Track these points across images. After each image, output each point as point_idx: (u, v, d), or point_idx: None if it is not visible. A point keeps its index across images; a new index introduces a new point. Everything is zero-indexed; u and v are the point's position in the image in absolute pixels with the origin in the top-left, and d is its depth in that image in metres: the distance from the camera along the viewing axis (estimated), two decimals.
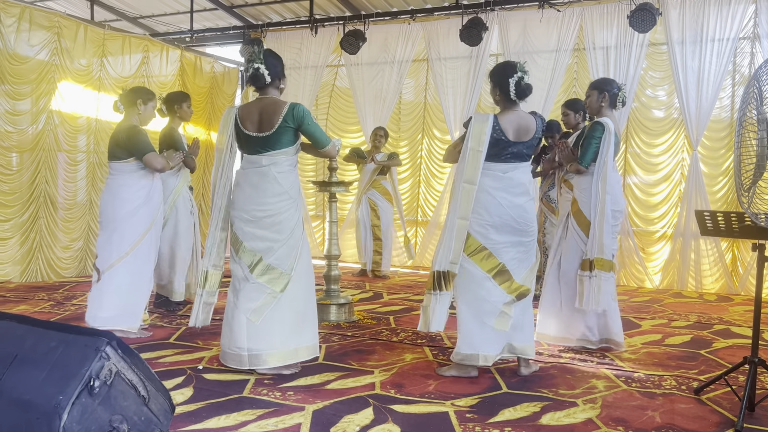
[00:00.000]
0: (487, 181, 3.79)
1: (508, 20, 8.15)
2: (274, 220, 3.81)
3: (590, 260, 4.34)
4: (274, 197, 3.80)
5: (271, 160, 3.80)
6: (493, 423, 3.13)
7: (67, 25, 7.35)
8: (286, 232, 3.83)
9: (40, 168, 7.18)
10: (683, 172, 7.72)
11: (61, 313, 5.49)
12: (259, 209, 3.80)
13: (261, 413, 3.19)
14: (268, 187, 3.79)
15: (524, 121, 3.82)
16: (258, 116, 3.81)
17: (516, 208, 3.80)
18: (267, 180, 3.79)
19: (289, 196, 3.84)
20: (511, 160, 3.81)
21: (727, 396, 3.56)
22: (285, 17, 9.57)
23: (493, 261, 3.82)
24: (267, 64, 3.84)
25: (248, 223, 3.84)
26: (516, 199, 3.81)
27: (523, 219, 3.82)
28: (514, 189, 3.80)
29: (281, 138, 3.79)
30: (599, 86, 4.54)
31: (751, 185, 2.28)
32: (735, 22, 7.17)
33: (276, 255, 3.82)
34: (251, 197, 3.82)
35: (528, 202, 3.86)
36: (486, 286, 3.82)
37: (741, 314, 6.02)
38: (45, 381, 2.31)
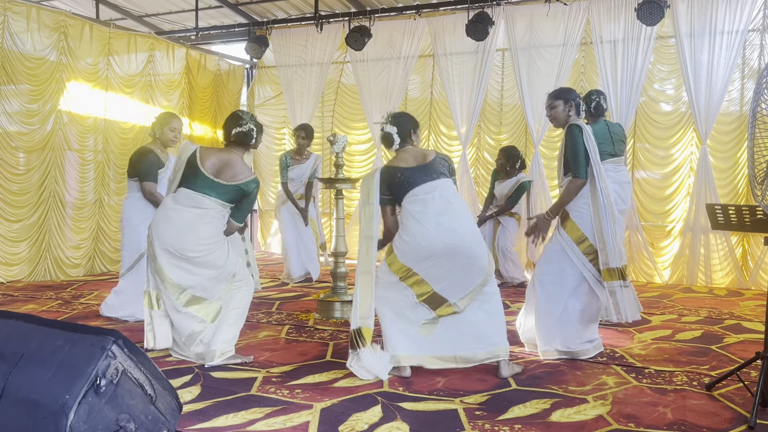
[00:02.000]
0: (411, 206, 3.76)
1: (514, 15, 8.09)
2: (205, 259, 3.92)
3: (619, 269, 4.09)
4: (209, 239, 3.92)
5: (213, 204, 3.92)
6: (502, 420, 3.10)
7: (73, 24, 7.35)
8: (217, 268, 3.95)
9: (50, 168, 7.20)
10: (692, 166, 7.66)
11: (69, 312, 5.50)
12: (189, 248, 3.89)
13: (269, 411, 3.18)
14: (203, 228, 3.90)
15: (418, 154, 3.90)
16: (219, 163, 3.95)
17: (447, 231, 3.69)
18: (204, 221, 3.90)
19: (221, 236, 4.00)
20: (420, 183, 3.77)
21: (739, 392, 3.52)
22: (290, 14, 9.55)
23: (426, 287, 3.77)
24: (258, 129, 4.08)
25: (175, 258, 3.92)
26: (442, 220, 3.71)
27: (458, 241, 3.69)
28: (438, 210, 3.72)
29: (231, 193, 3.94)
30: (563, 96, 4.28)
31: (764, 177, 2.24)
32: (744, 14, 7.10)
33: (204, 288, 3.95)
34: (183, 235, 3.89)
35: (456, 220, 3.73)
36: (414, 307, 3.80)
37: (752, 309, 5.97)
38: (51, 380, 2.30)
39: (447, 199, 3.76)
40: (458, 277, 3.73)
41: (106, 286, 6.84)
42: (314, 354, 4.27)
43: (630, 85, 7.55)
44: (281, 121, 10.04)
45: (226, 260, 3.97)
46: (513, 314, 5.65)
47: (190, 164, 3.95)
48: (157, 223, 3.96)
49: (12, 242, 6.92)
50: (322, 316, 5.36)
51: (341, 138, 5.43)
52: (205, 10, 9.44)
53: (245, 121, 4.01)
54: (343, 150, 5.47)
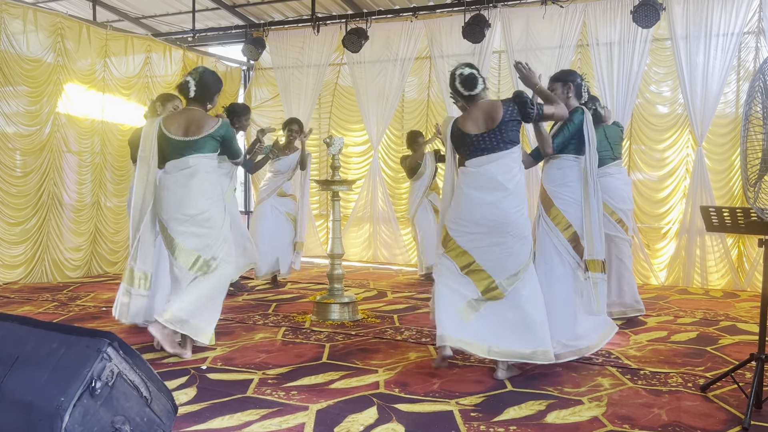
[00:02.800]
0: (460, 177, 3.87)
1: (510, 17, 8.11)
2: (205, 217, 4.09)
3: (603, 261, 4.10)
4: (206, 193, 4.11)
5: (198, 160, 4.11)
6: (498, 422, 3.11)
7: (70, 26, 7.35)
8: (217, 227, 4.15)
9: (48, 170, 7.18)
10: (688, 168, 7.68)
11: (65, 314, 5.49)
12: (193, 206, 4.07)
13: (265, 413, 3.18)
14: (199, 184, 4.09)
15: (486, 111, 3.76)
16: (183, 123, 4.13)
17: (488, 207, 3.68)
18: (197, 177, 4.08)
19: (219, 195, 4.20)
20: (477, 154, 3.75)
21: (734, 393, 3.53)
22: (287, 16, 9.56)
23: (468, 258, 3.78)
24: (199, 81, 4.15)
25: (182, 222, 4.07)
26: (487, 197, 3.69)
27: (499, 218, 3.67)
28: (484, 185, 3.70)
29: (206, 144, 4.13)
30: (562, 78, 4.27)
31: (757, 180, 2.26)
32: (739, 17, 7.12)
33: (210, 247, 4.10)
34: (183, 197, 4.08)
35: (503, 199, 3.68)
36: (460, 280, 3.80)
37: (747, 310, 5.99)
38: (47, 382, 2.30)
39: (495, 177, 3.69)
40: (504, 257, 3.70)
41: (103, 288, 6.83)
42: (310, 356, 4.27)
43: (626, 87, 7.58)
44: (278, 122, 10.03)
45: (223, 222, 4.18)
46: None
47: (159, 137, 4.15)
48: (159, 198, 4.16)
49: (10, 244, 6.91)
50: (319, 318, 5.36)
51: (338, 140, 5.44)
52: (202, 12, 9.45)
53: (187, 75, 4.19)
54: (339, 152, 5.48)
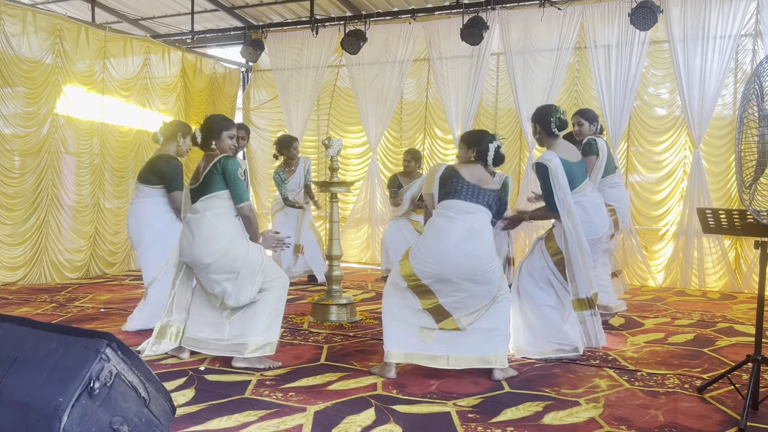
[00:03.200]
0: (438, 220, 3.81)
1: (509, 19, 8.13)
2: (222, 263, 3.95)
3: (588, 298, 4.32)
4: (213, 240, 3.96)
5: (204, 206, 4.00)
6: (495, 423, 3.12)
7: (69, 27, 7.36)
8: (237, 267, 3.95)
9: (46, 171, 7.19)
10: (686, 170, 7.70)
11: (63, 315, 5.50)
12: (206, 256, 3.96)
13: (263, 414, 3.19)
14: (208, 230, 3.96)
15: (486, 176, 3.93)
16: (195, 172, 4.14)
17: (464, 257, 3.69)
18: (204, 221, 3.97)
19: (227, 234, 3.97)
20: (466, 199, 3.79)
21: (730, 394, 3.55)
22: (286, 18, 9.57)
23: (432, 299, 3.81)
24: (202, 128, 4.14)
25: (202, 270, 4.02)
26: (464, 245, 3.70)
27: (473, 267, 3.70)
28: (462, 233, 3.72)
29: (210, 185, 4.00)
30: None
31: (752, 182, 2.27)
32: (737, 19, 7.14)
33: (229, 295, 3.97)
34: (195, 246, 3.98)
35: (476, 248, 3.72)
36: (419, 314, 3.84)
37: (744, 312, 6.00)
38: (45, 383, 2.30)
39: (472, 226, 3.76)
40: (467, 298, 3.77)
41: (101, 289, 6.84)
42: (308, 357, 4.28)
43: (624, 89, 7.59)
44: (277, 124, 10.05)
45: (243, 263, 3.94)
46: None
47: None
48: (180, 240, 4.14)
49: (8, 246, 6.91)
50: (317, 320, 5.37)
51: (336, 141, 5.44)
52: (200, 14, 9.45)
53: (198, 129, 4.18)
54: (338, 153, 5.49)
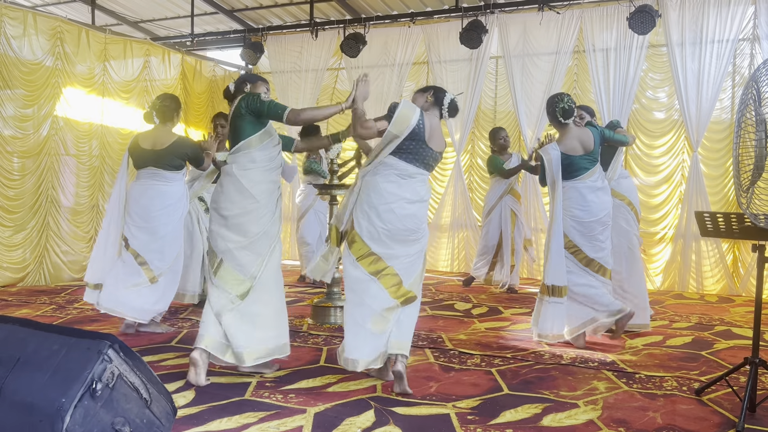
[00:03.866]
0: (385, 185, 3.64)
1: (507, 23, 8.16)
2: (237, 222, 3.76)
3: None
4: (236, 195, 3.77)
5: (232, 159, 3.82)
6: (494, 425, 3.13)
7: (69, 29, 7.38)
8: (249, 236, 3.76)
9: (46, 173, 7.20)
10: (684, 173, 7.73)
11: (63, 317, 5.51)
12: (225, 207, 3.79)
13: (263, 416, 3.20)
14: (230, 185, 3.80)
15: (440, 132, 3.79)
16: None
17: (409, 217, 3.66)
18: (229, 179, 3.81)
19: (251, 195, 3.76)
20: (416, 164, 3.68)
21: (728, 397, 3.57)
22: (285, 21, 9.60)
23: (381, 264, 3.66)
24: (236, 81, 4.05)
25: (217, 222, 3.82)
26: (410, 207, 3.67)
27: (415, 225, 3.70)
28: (410, 196, 3.67)
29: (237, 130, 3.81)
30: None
31: (750, 186, 2.29)
32: (734, 24, 7.18)
33: (236, 260, 3.76)
34: (219, 196, 3.84)
35: (421, 209, 3.74)
36: (371, 289, 3.66)
37: (742, 315, 6.03)
38: (47, 384, 2.32)
39: (418, 187, 3.71)
40: (409, 259, 3.71)
41: None
42: (308, 359, 4.29)
43: (622, 92, 7.63)
44: (276, 126, 10.04)
45: (259, 231, 3.77)
46: (505, 320, 5.70)
47: None
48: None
49: (7, 247, 6.91)
50: (316, 322, 5.39)
51: (336, 145, 5.46)
52: (200, 16, 9.48)
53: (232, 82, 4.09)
54: (337, 156, 5.51)
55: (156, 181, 4.97)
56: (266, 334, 3.81)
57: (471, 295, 6.93)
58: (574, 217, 4.66)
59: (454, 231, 8.78)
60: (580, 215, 4.65)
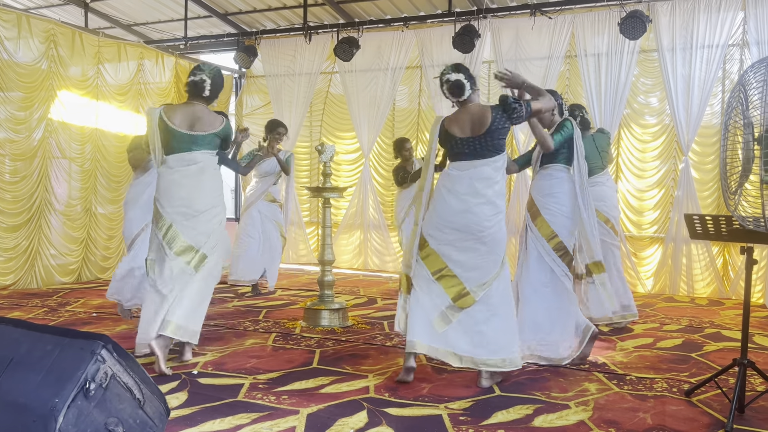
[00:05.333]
0: (442, 180, 3.87)
1: (500, 27, 8.21)
2: (212, 213, 4.11)
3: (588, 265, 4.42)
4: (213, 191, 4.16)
5: (204, 157, 4.10)
6: (486, 425, 3.15)
7: (63, 32, 7.38)
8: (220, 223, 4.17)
9: (40, 176, 7.18)
10: (675, 177, 7.79)
11: (55, 320, 5.50)
12: (202, 202, 4.07)
13: (255, 417, 3.21)
14: (208, 182, 4.12)
15: (475, 116, 3.80)
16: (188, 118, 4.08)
17: (464, 213, 3.72)
18: (206, 175, 4.10)
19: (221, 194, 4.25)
20: (461, 158, 3.79)
21: (717, 398, 3.60)
22: (279, 24, 9.62)
23: (440, 263, 3.80)
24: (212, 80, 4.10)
25: (189, 218, 4.04)
26: (466, 202, 3.73)
27: (474, 224, 3.73)
28: (462, 190, 3.74)
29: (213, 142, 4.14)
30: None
31: (737, 188, 2.33)
32: (724, 29, 7.25)
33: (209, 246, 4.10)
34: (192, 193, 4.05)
35: (480, 206, 3.73)
36: (431, 287, 3.82)
37: (732, 318, 6.07)
38: (41, 384, 2.32)
39: (475, 182, 3.75)
40: (473, 261, 3.76)
41: (93, 294, 6.83)
42: (301, 361, 4.30)
43: (614, 97, 7.68)
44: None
45: (221, 222, 4.19)
46: None
47: (163, 129, 4.06)
48: (165, 190, 4.06)
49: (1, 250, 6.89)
50: (309, 324, 5.40)
51: (329, 147, 5.49)
52: (194, 20, 9.49)
53: (200, 71, 4.10)
54: (331, 159, 5.54)
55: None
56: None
57: None
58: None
59: None
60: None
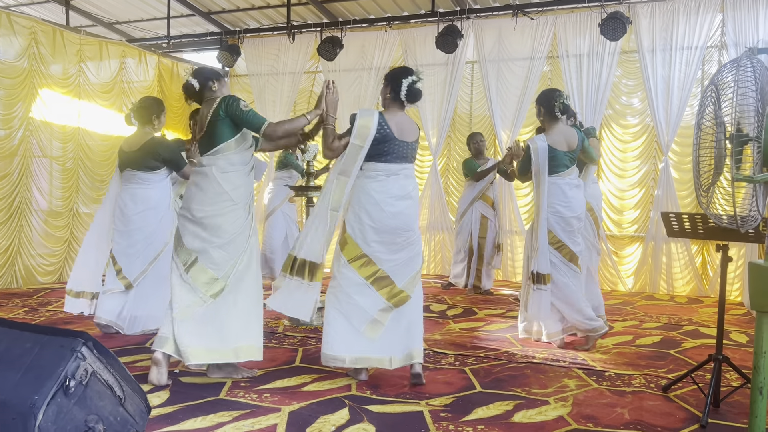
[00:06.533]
0: (371, 183, 3.74)
1: (483, 28, 8.26)
2: (213, 222, 3.73)
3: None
4: (214, 197, 3.75)
5: (211, 161, 3.78)
6: (466, 421, 3.19)
7: (44, 30, 7.32)
8: (225, 236, 3.74)
9: (21, 175, 7.11)
10: (655, 177, 7.88)
11: (35, 320, 5.46)
12: (199, 209, 3.75)
13: (237, 414, 3.22)
14: (209, 186, 3.75)
15: (409, 123, 3.89)
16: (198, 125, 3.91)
17: (399, 215, 3.75)
18: (208, 179, 3.76)
19: (230, 197, 3.76)
20: (396, 161, 3.79)
21: (693, 393, 3.66)
22: (262, 24, 9.61)
23: (373, 267, 3.76)
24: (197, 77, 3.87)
25: (190, 221, 3.79)
26: (399, 204, 3.76)
27: (406, 225, 3.78)
28: (397, 192, 3.76)
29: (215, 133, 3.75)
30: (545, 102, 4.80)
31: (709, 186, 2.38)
32: (703, 31, 7.36)
33: (212, 259, 3.73)
34: (194, 196, 3.80)
35: (410, 207, 3.81)
36: (364, 292, 3.75)
37: (710, 315, 6.16)
38: (20, 381, 2.32)
39: (404, 183, 3.81)
40: (403, 261, 3.80)
41: None
42: (283, 359, 4.31)
43: (595, 97, 7.76)
44: None
45: (236, 232, 3.76)
46: (480, 321, 5.77)
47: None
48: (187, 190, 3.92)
49: None
50: (292, 323, 5.41)
51: (312, 147, 5.50)
52: (176, 18, 9.46)
53: (191, 76, 3.91)
54: (314, 158, 5.55)
55: (133, 183, 4.98)
56: (231, 334, 3.75)
57: (446, 297, 6.99)
58: (556, 213, 4.72)
59: (430, 233, 8.85)
60: (562, 211, 4.72)
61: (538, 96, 4.89)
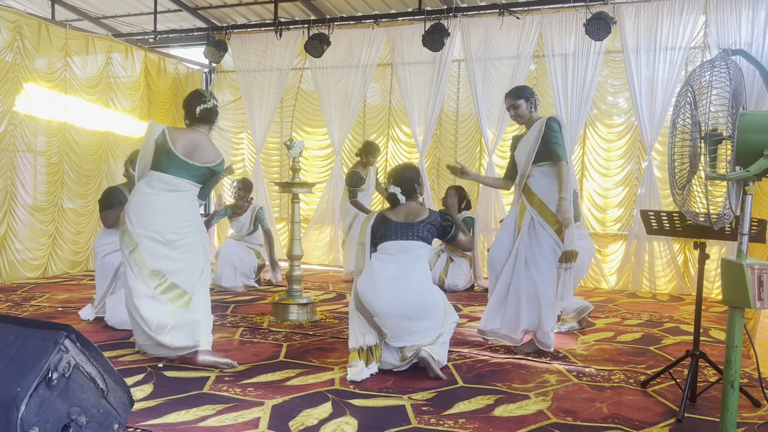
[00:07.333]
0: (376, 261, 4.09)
1: (469, 27, 8.30)
2: (184, 242, 4.00)
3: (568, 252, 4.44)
4: (187, 221, 4.04)
5: (190, 187, 4.05)
6: (447, 415, 3.23)
7: (29, 24, 7.27)
8: (192, 252, 4.03)
9: (5, 169, 7.06)
10: (638, 176, 7.96)
11: (19, 314, 5.44)
12: (172, 231, 3.97)
13: (220, 408, 3.24)
14: (183, 211, 4.02)
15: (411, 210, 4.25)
16: (190, 144, 4.04)
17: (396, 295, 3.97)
18: (183, 203, 4.01)
19: (197, 220, 4.13)
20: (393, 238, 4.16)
21: (671, 388, 3.73)
22: (250, 20, 9.59)
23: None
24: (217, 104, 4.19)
25: (159, 244, 3.96)
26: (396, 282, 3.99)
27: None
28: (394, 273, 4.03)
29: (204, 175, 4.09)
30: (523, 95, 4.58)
31: (685, 184, 2.43)
32: (687, 32, 7.44)
33: (180, 275, 3.97)
34: (166, 219, 3.97)
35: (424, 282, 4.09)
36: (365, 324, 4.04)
37: (691, 313, 6.24)
38: (3, 373, 2.33)
39: (405, 264, 4.00)
40: (405, 330, 3.94)
41: (59, 288, 6.77)
42: (268, 354, 4.34)
43: (580, 96, 7.83)
44: (240, 125, 10.06)
45: (199, 247, 4.06)
46: (463, 317, 5.80)
47: (160, 146, 4.01)
48: (136, 208, 3.97)
49: None
50: (277, 319, 5.42)
51: (298, 143, 5.52)
52: (163, 14, 9.42)
53: (207, 98, 4.11)
54: (300, 154, 5.56)
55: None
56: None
57: None
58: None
59: None
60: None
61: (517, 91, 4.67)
